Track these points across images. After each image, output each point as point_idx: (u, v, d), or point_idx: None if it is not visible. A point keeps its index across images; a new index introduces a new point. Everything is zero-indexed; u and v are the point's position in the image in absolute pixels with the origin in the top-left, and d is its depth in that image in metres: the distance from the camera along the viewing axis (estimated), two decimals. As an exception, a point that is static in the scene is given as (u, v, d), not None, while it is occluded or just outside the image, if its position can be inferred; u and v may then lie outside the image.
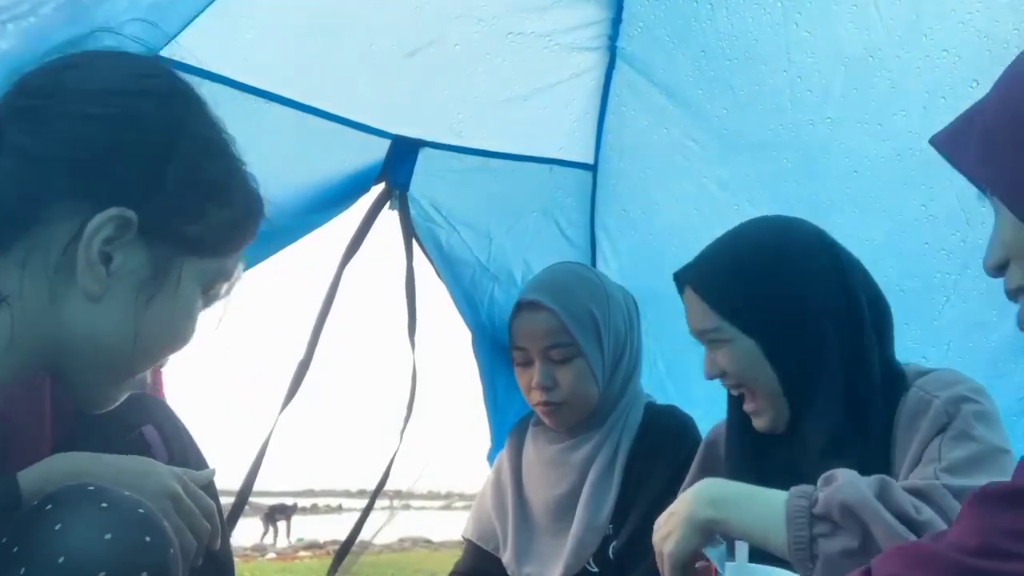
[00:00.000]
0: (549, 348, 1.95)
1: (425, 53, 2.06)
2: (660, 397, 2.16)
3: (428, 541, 14.90)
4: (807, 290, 1.46)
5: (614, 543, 1.90)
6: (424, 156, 2.24)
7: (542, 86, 2.24)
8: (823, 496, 1.25)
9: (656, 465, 1.91)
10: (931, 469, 1.30)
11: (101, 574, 0.78)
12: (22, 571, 0.78)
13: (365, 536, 2.49)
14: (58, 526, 0.80)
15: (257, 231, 1.05)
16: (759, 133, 2.11)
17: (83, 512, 0.81)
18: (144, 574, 0.81)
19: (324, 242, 2.27)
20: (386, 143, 2.19)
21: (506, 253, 2.35)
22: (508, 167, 2.33)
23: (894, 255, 1.97)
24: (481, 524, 2.12)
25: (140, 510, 0.84)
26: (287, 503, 20.19)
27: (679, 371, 2.34)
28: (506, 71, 2.16)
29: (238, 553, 12.40)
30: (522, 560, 1.99)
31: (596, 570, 1.91)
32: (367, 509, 2.52)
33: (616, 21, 2.20)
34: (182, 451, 1.24)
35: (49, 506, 0.81)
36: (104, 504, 0.82)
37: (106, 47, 1.00)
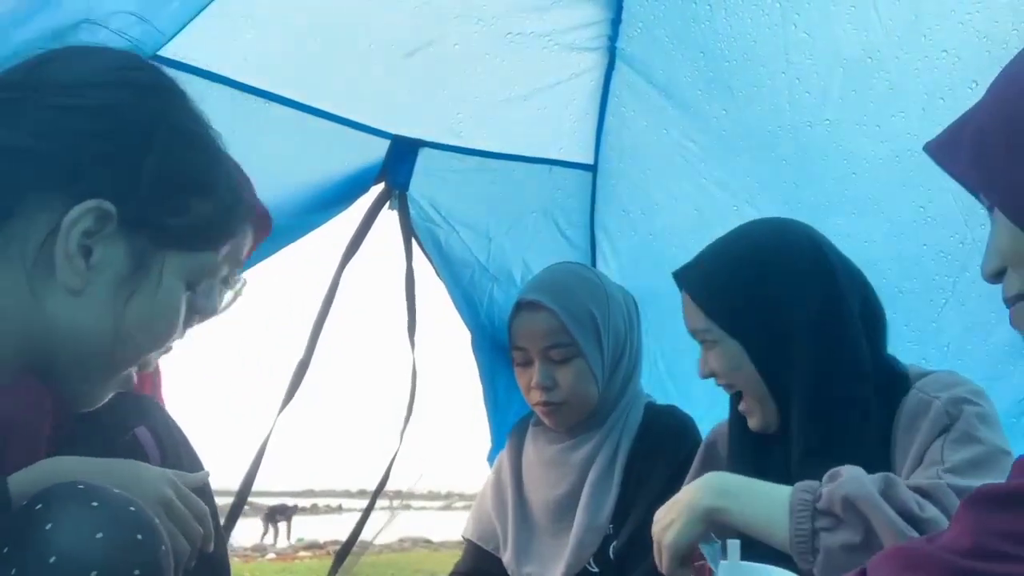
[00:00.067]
0: (549, 348, 1.95)
1: (424, 53, 2.06)
2: (660, 397, 2.16)
3: (428, 541, 14.88)
4: (788, 293, 1.46)
5: (614, 543, 1.90)
6: (423, 156, 2.24)
7: (542, 86, 2.24)
8: (827, 491, 1.25)
9: (656, 465, 1.91)
10: (934, 471, 1.30)
11: (93, 573, 0.78)
12: (13, 572, 0.78)
13: (365, 536, 2.49)
14: (49, 526, 0.79)
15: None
16: (758, 134, 2.11)
17: (74, 511, 0.80)
18: (136, 572, 0.80)
19: (324, 242, 2.28)
20: (385, 143, 2.19)
21: (505, 253, 2.35)
22: (507, 167, 2.33)
23: (893, 257, 1.98)
24: (481, 524, 2.11)
25: (131, 508, 0.83)
26: (288, 504, 20.16)
27: (679, 371, 2.34)
28: (505, 71, 2.16)
29: (238, 553, 12.41)
30: (522, 560, 1.99)
31: (596, 570, 1.91)
32: (368, 509, 2.52)
33: (615, 22, 2.20)
34: (175, 452, 1.23)
35: (39, 506, 0.81)
36: (95, 503, 0.81)
37: (88, 42, 1.00)
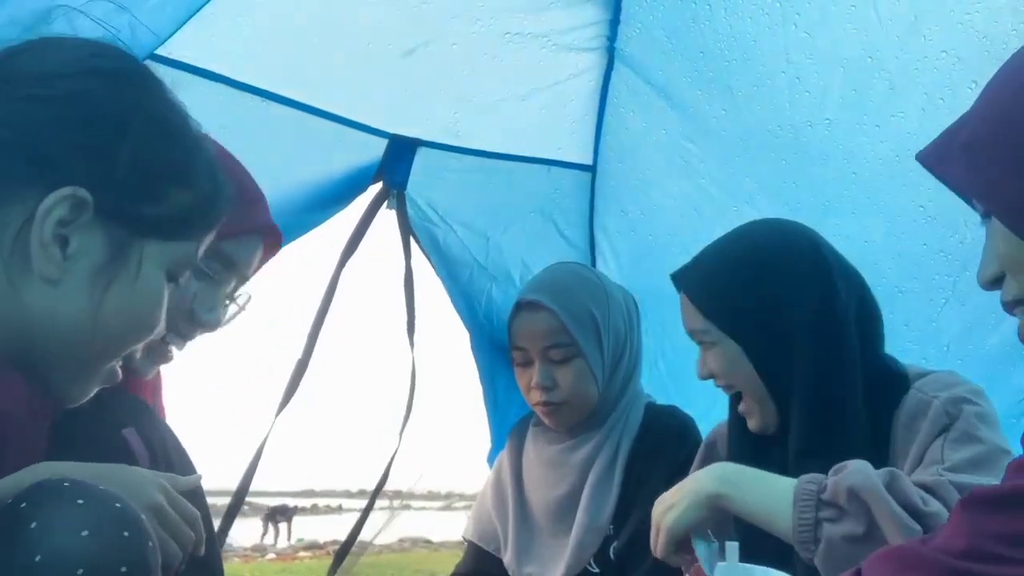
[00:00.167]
0: (549, 348, 1.95)
1: (423, 52, 2.05)
2: (660, 397, 2.15)
3: (428, 541, 14.89)
4: (786, 294, 1.46)
5: (615, 544, 1.90)
6: (421, 156, 2.23)
7: (540, 86, 2.23)
8: (832, 481, 1.26)
9: (657, 465, 1.90)
10: (934, 470, 1.30)
11: (79, 571, 0.77)
12: None
13: (365, 536, 2.49)
14: (34, 524, 0.78)
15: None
16: (758, 134, 2.10)
17: (59, 509, 0.79)
18: (123, 569, 0.79)
19: (322, 241, 2.27)
20: (383, 142, 2.19)
21: (503, 253, 2.34)
22: (505, 167, 2.33)
23: (893, 256, 1.97)
24: (482, 525, 2.11)
25: (117, 505, 0.82)
26: (288, 505, 20.19)
27: (679, 371, 2.34)
28: (504, 71, 2.15)
29: (238, 553, 12.43)
30: (523, 561, 1.99)
31: (597, 571, 1.91)
32: (367, 509, 2.52)
33: (614, 22, 2.19)
34: (165, 454, 1.22)
35: (24, 504, 0.80)
36: (80, 500, 0.80)
37: (61, 32, 0.99)
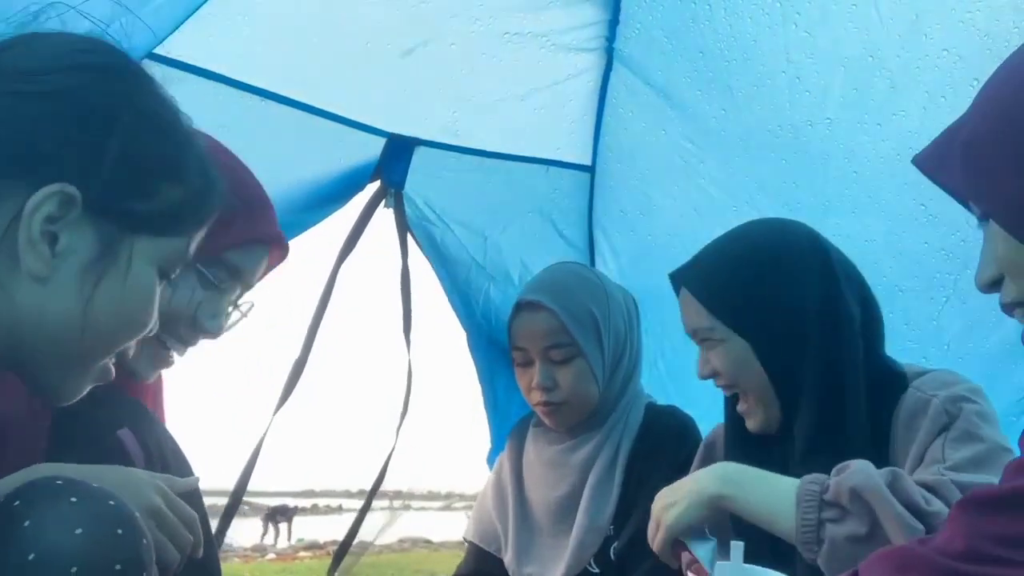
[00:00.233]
0: (549, 348, 1.94)
1: (421, 52, 2.05)
2: (660, 397, 2.15)
3: (428, 541, 14.89)
4: (795, 292, 1.46)
5: (615, 544, 1.89)
6: (419, 155, 2.23)
7: (539, 86, 2.23)
8: (835, 482, 1.26)
9: (657, 465, 1.90)
10: (935, 469, 1.30)
11: (73, 569, 0.77)
12: None
13: (366, 536, 2.49)
14: (27, 523, 0.78)
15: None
16: (758, 134, 2.10)
17: (52, 507, 0.79)
18: (118, 567, 0.79)
19: (320, 240, 2.27)
20: (381, 141, 2.19)
21: (501, 252, 2.34)
22: (504, 167, 2.32)
23: (894, 255, 1.97)
24: (482, 525, 2.11)
25: (111, 502, 0.82)
26: (288, 505, 20.23)
27: (679, 371, 2.33)
28: (503, 71, 2.15)
29: (238, 553, 12.44)
30: (523, 561, 1.99)
31: (597, 571, 1.91)
32: (364, 508, 2.51)
33: (613, 23, 2.18)
34: (161, 455, 1.21)
35: (17, 502, 0.79)
36: (74, 498, 0.80)
37: (50, 29, 0.98)
